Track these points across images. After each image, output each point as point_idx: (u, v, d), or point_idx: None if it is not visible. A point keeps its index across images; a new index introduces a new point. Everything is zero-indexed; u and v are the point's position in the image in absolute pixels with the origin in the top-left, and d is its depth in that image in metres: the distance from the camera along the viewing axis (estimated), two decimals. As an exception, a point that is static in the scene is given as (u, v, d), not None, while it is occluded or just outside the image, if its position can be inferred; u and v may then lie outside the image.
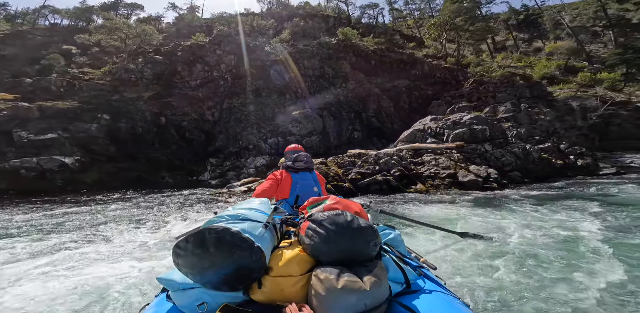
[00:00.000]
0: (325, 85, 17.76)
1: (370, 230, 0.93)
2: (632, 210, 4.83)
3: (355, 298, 0.76)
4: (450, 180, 9.24)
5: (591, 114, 15.00)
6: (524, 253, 2.94)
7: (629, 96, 16.91)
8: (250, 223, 0.98)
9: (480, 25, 26.79)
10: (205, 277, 0.86)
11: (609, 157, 13.14)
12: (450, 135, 12.46)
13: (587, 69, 20.99)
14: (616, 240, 3.40)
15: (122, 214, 5.92)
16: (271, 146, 13.58)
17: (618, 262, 2.72)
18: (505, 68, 22.42)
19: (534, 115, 14.65)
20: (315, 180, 2.08)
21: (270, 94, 16.05)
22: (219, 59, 16.09)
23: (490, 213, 5.06)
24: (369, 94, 18.28)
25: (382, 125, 16.86)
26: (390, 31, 34.16)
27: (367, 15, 43.25)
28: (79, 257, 3.11)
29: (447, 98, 18.47)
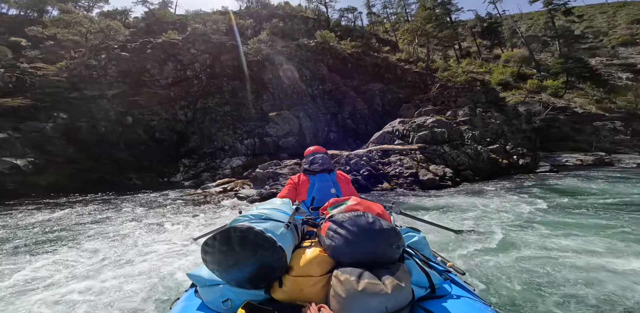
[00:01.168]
0: (302, 87, 17.83)
1: (392, 232, 0.89)
2: (556, 197, 6.38)
3: (376, 301, 0.73)
4: (412, 179, 9.83)
5: (535, 118, 16.31)
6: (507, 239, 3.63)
7: (568, 102, 18.52)
8: (272, 223, 0.98)
9: (448, 32, 27.79)
10: (230, 274, 0.87)
11: (549, 156, 14.49)
12: (415, 137, 13.09)
13: (535, 76, 22.58)
14: (551, 216, 4.79)
15: (82, 218, 5.56)
16: (247, 147, 13.47)
17: (557, 230, 3.96)
18: (469, 73, 23.44)
19: (487, 119, 15.69)
20: (335, 182, 1.96)
21: (247, 95, 15.83)
22: (193, 57, 15.47)
23: (449, 208, 5.69)
24: (345, 96, 18.61)
25: (357, 127, 17.32)
26: (367, 35, 34.45)
27: (345, 18, 43.16)
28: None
29: (416, 101, 19.16)
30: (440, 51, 30.44)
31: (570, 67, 20.48)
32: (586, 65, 21.60)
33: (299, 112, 16.12)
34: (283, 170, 8.74)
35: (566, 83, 20.60)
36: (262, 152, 13.50)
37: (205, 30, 18.78)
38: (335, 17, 41.14)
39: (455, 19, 37.47)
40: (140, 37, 16.65)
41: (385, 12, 49.92)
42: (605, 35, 34.37)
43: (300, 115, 16.00)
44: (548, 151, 15.11)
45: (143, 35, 17.65)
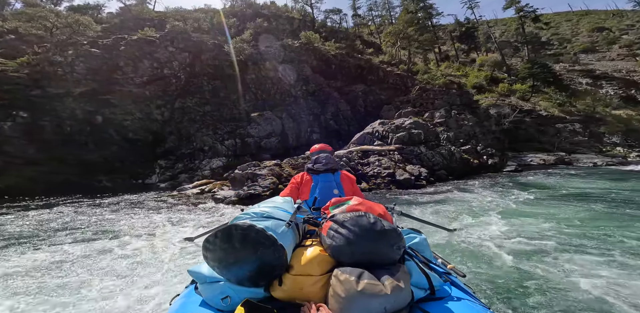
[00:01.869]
0: (285, 88, 17.57)
1: (393, 233, 0.88)
2: (521, 191, 7.12)
3: (375, 302, 0.71)
4: (389, 178, 9.94)
5: (504, 120, 16.97)
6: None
7: (534, 105, 19.41)
8: (274, 221, 0.97)
9: (428, 36, 28.26)
10: (230, 272, 0.86)
11: (516, 156, 15.18)
12: (393, 138, 13.24)
13: (506, 80, 23.48)
14: (515, 205, 5.58)
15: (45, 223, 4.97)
16: (228, 148, 13.08)
17: (526, 218, 4.55)
18: (447, 76, 23.98)
19: (461, 120, 16.17)
20: (338, 182, 1.89)
21: (228, 95, 15.35)
22: (172, 56, 14.73)
23: (426, 205, 5.92)
24: (328, 97, 18.54)
25: (340, 128, 17.32)
26: (352, 36, 34.41)
27: (330, 19, 42.88)
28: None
29: (397, 103, 19.40)
30: (421, 54, 30.93)
31: (536, 72, 21.46)
32: (550, 70, 22.74)
33: (282, 113, 15.88)
34: (262, 171, 8.58)
35: (532, 87, 21.59)
36: (244, 152, 13.18)
37: (185, 28, 17.97)
38: (321, 18, 40.83)
39: (435, 23, 38.10)
40: (113, 34, 15.60)
41: (371, 14, 50.15)
42: (569, 42, 36.28)
43: (283, 116, 15.77)
44: (516, 151, 15.80)
45: (117, 32, 16.54)
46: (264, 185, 7.77)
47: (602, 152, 14.76)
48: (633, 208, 4.90)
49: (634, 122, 18.07)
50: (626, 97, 22.04)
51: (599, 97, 20.47)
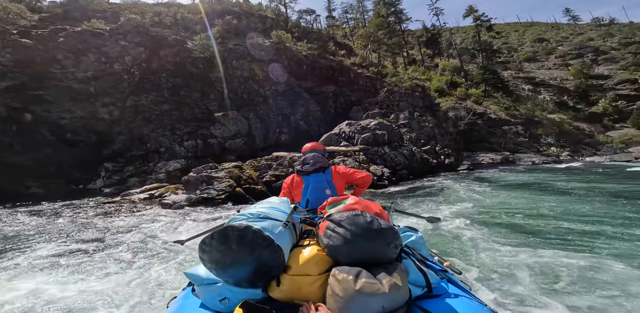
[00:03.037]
0: (254, 87, 16.61)
1: (390, 231, 0.85)
2: (475, 185, 8.11)
3: (373, 301, 0.69)
4: None
5: (460, 122, 17.73)
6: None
7: (485, 108, 20.58)
8: (270, 221, 0.93)
9: (397, 40, 28.65)
10: (227, 273, 0.83)
11: (470, 156, 15.97)
12: (359, 139, 13.09)
13: (463, 85, 24.66)
14: (475, 195, 6.63)
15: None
16: (188, 149, 11.98)
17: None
18: (413, 80, 24.50)
19: (422, 122, 16.58)
20: (329, 181, 1.79)
21: (190, 93, 14.06)
22: (124, 50, 13.03)
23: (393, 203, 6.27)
24: (298, 97, 17.93)
25: (310, 128, 16.86)
26: (325, 37, 33.78)
27: (304, 20, 41.72)
28: None
29: (366, 104, 19.42)
30: (390, 57, 31.37)
31: (487, 78, 22.81)
32: (499, 77, 24.36)
33: (249, 113, 14.99)
34: (219, 173, 7.86)
35: (485, 92, 22.91)
36: (206, 154, 12.18)
37: (143, 22, 16.03)
38: (294, 18, 39.52)
39: (405, 28, 38.89)
40: (53, 24, 13.34)
41: (345, 17, 49.74)
42: (515, 51, 39.27)
43: (250, 116, 14.89)
44: (470, 151, 16.60)
45: (58, 22, 14.19)
46: (219, 188, 7.10)
47: (540, 152, 16.13)
48: (562, 194, 6.25)
49: (566, 125, 20.07)
50: (560, 103, 24.43)
51: (537, 102, 22.40)
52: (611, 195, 5.74)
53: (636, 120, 20.11)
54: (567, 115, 21.94)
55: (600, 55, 31.90)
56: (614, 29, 40.77)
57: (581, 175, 9.56)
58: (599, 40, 36.39)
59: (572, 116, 22.07)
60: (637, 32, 37.33)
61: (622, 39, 34.62)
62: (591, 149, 17.07)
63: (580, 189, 6.60)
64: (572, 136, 18.67)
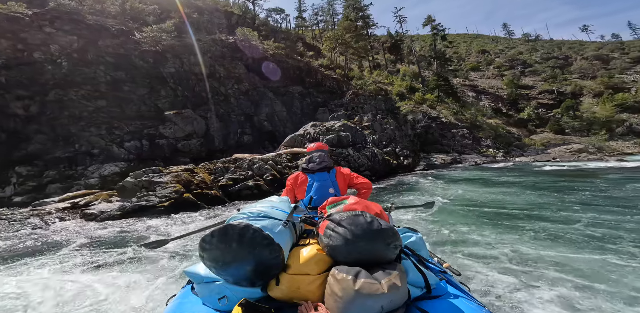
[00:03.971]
0: (214, 85, 15.13)
1: (390, 232, 0.81)
2: (433, 182, 8.95)
3: (372, 301, 0.68)
4: None
5: (417, 125, 18.63)
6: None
7: (438, 113, 22.02)
8: (270, 220, 0.90)
9: (363, 43, 28.96)
10: (227, 272, 0.81)
11: (426, 157, 16.91)
12: (324, 140, 12.76)
13: (421, 90, 26.11)
14: (437, 190, 7.41)
15: None
16: (129, 150, 10.30)
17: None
18: (377, 83, 25.16)
19: (384, 124, 17.01)
20: (333, 180, 1.79)
21: (136, 89, 12.16)
22: (49, 38, 10.66)
23: None
24: (263, 97, 16.91)
25: (275, 129, 16.05)
26: (293, 38, 32.70)
27: (272, 18, 39.84)
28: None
29: (332, 106, 19.27)
30: (357, 60, 31.76)
31: (440, 84, 24.45)
32: (450, 84, 26.34)
33: (207, 112, 13.61)
34: (164, 178, 6.76)
35: (438, 97, 24.55)
36: (153, 156, 10.63)
37: (80, 8, 13.30)
38: (262, 16, 37.40)
39: (371, 33, 39.63)
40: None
41: (316, 19, 48.81)
42: (463, 61, 43.04)
43: (209, 116, 13.53)
44: (425, 152, 17.56)
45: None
46: (162, 194, 6.10)
47: (480, 153, 17.86)
48: (502, 187, 7.48)
49: (500, 129, 22.62)
50: (496, 109, 27.47)
51: (479, 108, 24.83)
52: (538, 188, 6.86)
53: (553, 125, 23.62)
54: (501, 120, 24.79)
55: (527, 68, 36.73)
56: (538, 45, 47.31)
57: (513, 173, 10.93)
58: (526, 54, 41.84)
59: (505, 121, 25.03)
60: (555, 48, 43.88)
61: (543, 54, 40.35)
62: (519, 150, 19.52)
63: (515, 184, 7.83)
64: (505, 139, 21.13)
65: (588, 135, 22.01)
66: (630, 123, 22.88)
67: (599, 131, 22.05)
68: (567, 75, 32.96)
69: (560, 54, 39.90)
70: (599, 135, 21.23)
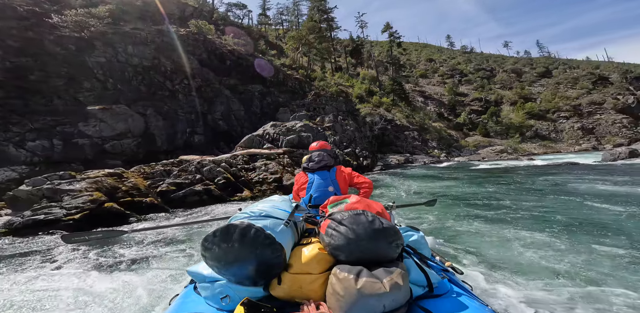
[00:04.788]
0: (158, 79, 13.08)
1: (392, 230, 0.81)
2: (389, 180, 9.51)
3: (374, 300, 0.67)
4: (276, 184, 8.69)
5: (375, 127, 19.35)
6: None
7: (393, 116, 23.33)
8: (272, 220, 0.90)
9: (326, 45, 28.86)
10: (229, 271, 0.81)
11: (382, 157, 17.64)
12: (284, 141, 12.15)
13: (378, 93, 27.35)
14: (400, 186, 7.88)
15: None
16: (34, 152, 8.09)
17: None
18: (339, 85, 25.37)
19: (345, 125, 17.20)
20: (333, 179, 1.72)
21: (46, 78, 9.65)
22: None
23: None
24: (218, 94, 15.38)
25: (231, 129, 14.75)
26: (255, 35, 30.80)
27: (233, 14, 36.92)
28: None
29: (293, 106, 18.69)
30: (319, 62, 31.62)
31: (395, 89, 25.99)
32: (403, 88, 28.24)
33: (146, 108, 11.66)
34: (77, 184, 5.32)
35: (393, 101, 26.06)
36: (69, 159, 8.56)
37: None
38: (222, 10, 34.30)
39: (334, 36, 39.85)
40: None
41: (280, 18, 46.87)
42: (414, 68, 46.81)
43: (149, 112, 11.61)
44: (382, 153, 18.36)
45: None
46: (72, 205, 4.76)
47: (428, 154, 19.54)
48: (451, 180, 8.62)
49: (443, 132, 25.21)
50: (439, 113, 30.59)
51: (426, 112, 27.25)
52: (479, 182, 7.99)
53: (481, 129, 27.38)
54: (443, 124, 27.71)
55: (463, 77, 41.85)
56: (472, 56, 54.24)
57: (457, 171, 12.33)
58: (463, 64, 47.63)
59: (446, 125, 28.07)
60: (484, 60, 50.95)
61: (476, 65, 46.47)
62: (458, 151, 22.06)
63: (462, 179, 9.07)
64: (446, 141, 23.64)
65: (507, 138, 26.18)
66: (536, 128, 28.05)
67: (514, 135, 26.39)
68: (492, 85, 38.69)
69: (487, 66, 46.56)
70: (514, 138, 25.42)
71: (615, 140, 24.62)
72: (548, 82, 37.52)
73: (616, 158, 12.16)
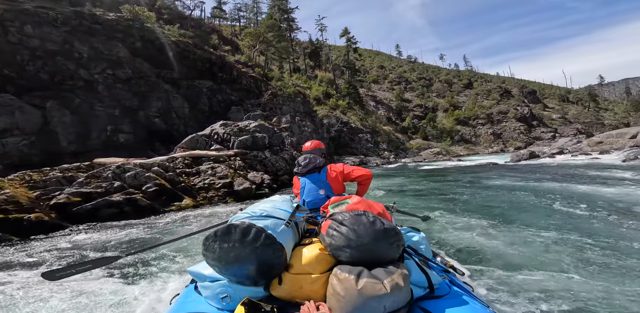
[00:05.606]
0: (68, 67, 10.40)
1: (392, 231, 0.81)
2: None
3: (374, 301, 0.67)
4: (225, 190, 7.68)
5: (332, 129, 19.64)
6: None
7: (349, 118, 24.19)
8: (273, 220, 0.89)
9: (285, 44, 27.97)
10: (229, 271, 0.80)
11: (339, 159, 17.98)
12: (236, 141, 11.01)
13: (335, 96, 28.03)
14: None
15: None
16: None
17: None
18: (297, 86, 24.88)
19: (303, 126, 16.95)
20: (324, 181, 1.63)
21: None
22: None
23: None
24: (155, 88, 13.21)
25: (172, 128, 12.83)
26: (206, 28, 27.88)
27: (181, 3, 32.68)
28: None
29: (248, 105, 17.50)
30: (277, 61, 30.61)
31: (351, 92, 27.04)
32: (357, 92, 29.65)
33: (46, 101, 9.11)
34: None
35: (348, 104, 27.08)
36: None
37: None
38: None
39: (294, 36, 39.07)
40: None
41: (237, 14, 43.36)
42: (368, 73, 49.86)
43: (49, 105, 9.09)
44: (338, 155, 18.74)
45: None
46: None
47: (379, 155, 20.88)
48: (402, 178, 9.09)
49: (391, 135, 27.47)
50: (388, 118, 33.30)
51: (377, 116, 29.26)
52: (427, 180, 8.82)
53: (422, 133, 30.90)
54: (392, 128, 30.27)
55: (408, 84, 46.58)
56: (415, 66, 60.69)
57: (405, 171, 13.31)
58: (409, 73, 52.99)
59: (394, 128, 30.74)
60: (425, 70, 57.63)
61: (418, 74, 52.23)
62: (404, 153, 24.29)
63: (411, 177, 9.83)
64: (395, 143, 25.82)
65: (441, 141, 30.16)
66: (462, 133, 33.11)
67: (446, 138, 30.59)
68: (430, 93, 44.15)
69: (427, 76, 52.93)
70: (446, 142, 29.46)
71: (516, 144, 31.00)
72: (470, 93, 44.86)
73: (520, 159, 14.79)
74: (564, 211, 3.85)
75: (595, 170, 7.74)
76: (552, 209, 4.00)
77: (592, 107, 44.88)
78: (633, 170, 7.16)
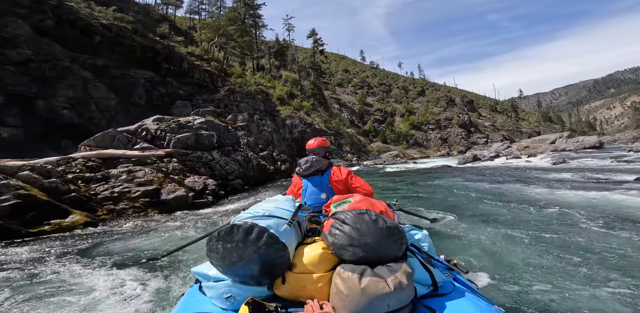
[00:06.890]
0: None
1: (395, 229, 0.80)
2: None
3: (378, 299, 0.67)
4: (146, 200, 5.98)
5: (295, 130, 18.69)
6: None
7: (312, 120, 23.63)
8: (276, 219, 0.88)
9: (248, 39, 25.80)
10: (233, 271, 0.80)
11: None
12: (172, 140, 9.11)
13: (299, 97, 27.25)
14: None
15: None
16: None
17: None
18: (259, 85, 23.21)
19: (262, 126, 15.61)
20: (327, 185, 1.59)
21: None
22: None
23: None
24: (66, 75, 10.38)
25: (90, 123, 10.18)
26: (154, 14, 24.09)
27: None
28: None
29: (199, 101, 15.40)
30: (239, 57, 28.31)
31: (315, 93, 26.60)
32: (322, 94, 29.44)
33: None
34: None
35: (313, 105, 26.60)
36: None
37: None
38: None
39: (260, 34, 36.81)
40: None
41: (198, 6, 38.75)
42: (333, 76, 50.54)
43: None
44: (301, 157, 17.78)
45: None
46: None
47: (342, 158, 20.76)
48: (365, 180, 8.65)
49: (354, 138, 27.96)
50: (351, 121, 34.03)
51: (341, 118, 29.52)
52: (394, 181, 9.10)
53: (382, 136, 32.33)
54: (354, 130, 30.93)
55: (370, 89, 48.65)
56: (377, 72, 63.78)
57: (369, 173, 13.34)
58: (371, 78, 55.42)
59: (357, 131, 31.48)
60: (385, 76, 61.05)
61: (379, 80, 55.04)
62: (366, 156, 24.83)
63: (376, 179, 9.85)
64: (357, 146, 26.29)
65: (398, 144, 32.00)
66: (416, 137, 35.75)
67: (402, 142, 32.59)
68: (389, 98, 46.88)
69: (387, 82, 56.19)
70: (403, 145, 31.36)
71: (459, 148, 34.83)
72: (423, 100, 49.16)
73: (467, 162, 16.38)
74: (521, 209, 4.19)
75: (535, 173, 8.75)
76: (511, 208, 4.30)
77: (514, 117, 53.73)
78: (565, 171, 8.32)
